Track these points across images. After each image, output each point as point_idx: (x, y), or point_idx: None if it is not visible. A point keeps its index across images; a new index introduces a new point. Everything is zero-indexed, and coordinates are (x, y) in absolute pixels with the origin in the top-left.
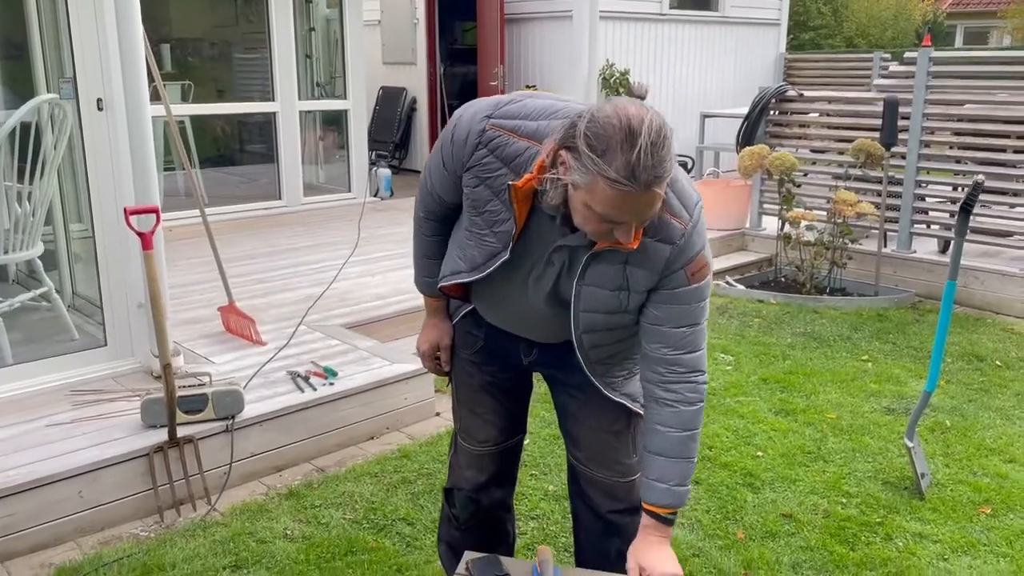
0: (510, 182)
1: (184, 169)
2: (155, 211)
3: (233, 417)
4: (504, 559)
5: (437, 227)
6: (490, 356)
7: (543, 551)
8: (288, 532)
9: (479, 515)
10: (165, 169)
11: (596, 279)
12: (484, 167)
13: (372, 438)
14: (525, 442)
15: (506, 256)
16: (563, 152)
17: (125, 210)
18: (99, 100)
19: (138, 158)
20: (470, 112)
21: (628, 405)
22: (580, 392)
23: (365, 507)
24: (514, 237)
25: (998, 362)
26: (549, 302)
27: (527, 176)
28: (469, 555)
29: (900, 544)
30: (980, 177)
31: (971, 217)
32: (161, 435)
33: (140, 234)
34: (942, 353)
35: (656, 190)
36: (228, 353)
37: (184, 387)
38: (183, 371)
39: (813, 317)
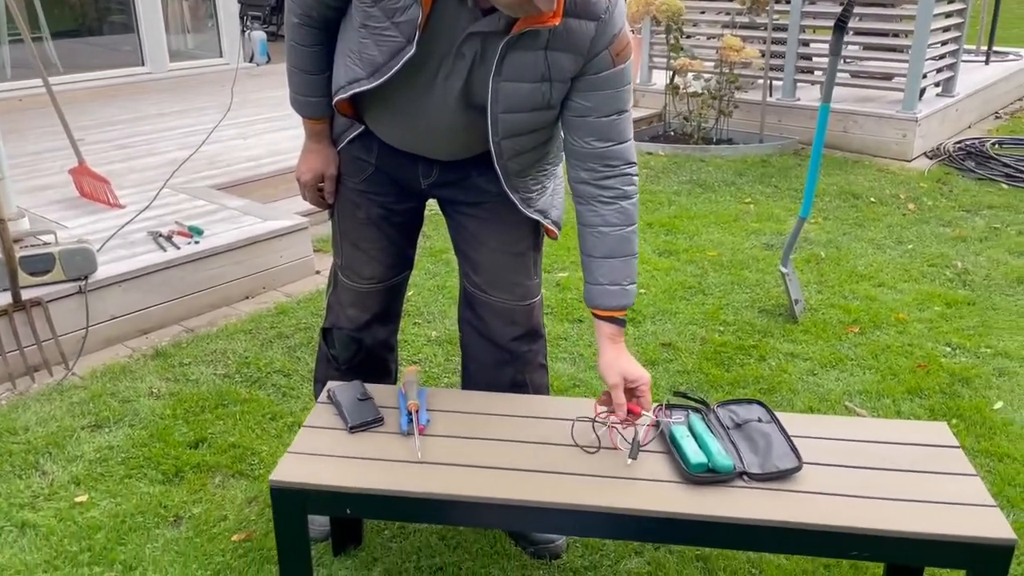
0: None
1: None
2: None
3: (86, 278)
4: (368, 384)
5: (315, 35)
6: (382, 184)
7: (409, 372)
8: (154, 390)
9: (360, 355)
10: (10, 38)
11: (515, 72)
12: None
13: (247, 298)
14: (410, 294)
15: (412, 51)
16: None
17: None
18: None
19: None
20: None
21: (540, 221)
22: (483, 212)
23: (238, 362)
24: (420, 25)
25: (872, 199)
26: (461, 106)
27: None
28: (332, 384)
29: (773, 363)
30: None
31: (851, 62)
32: (4, 299)
33: None
34: (816, 178)
35: None
36: (82, 217)
37: (27, 247)
38: (25, 232)
39: (700, 166)
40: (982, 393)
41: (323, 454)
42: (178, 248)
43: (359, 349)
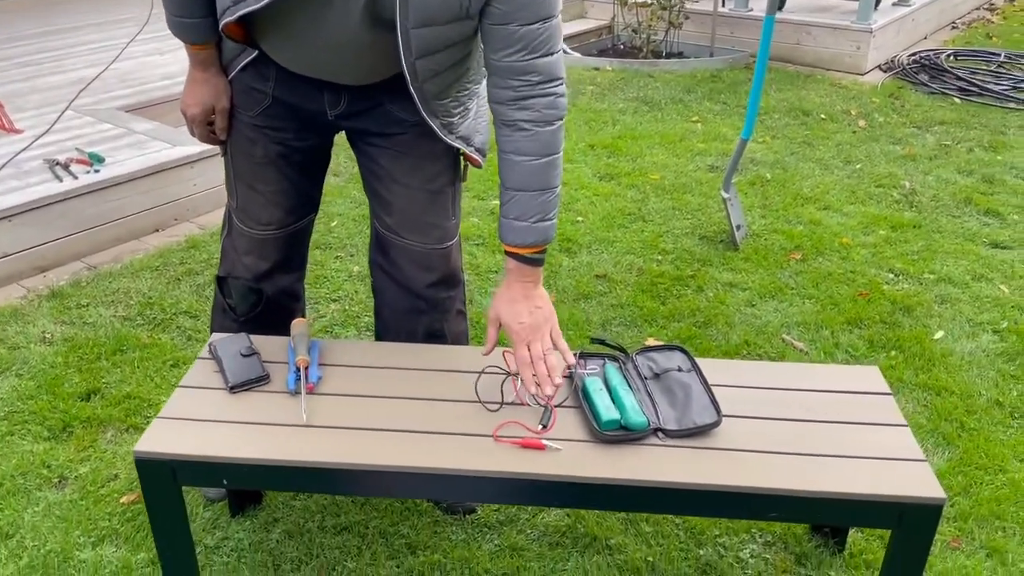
0: None
1: None
2: None
3: None
4: (255, 337)
5: None
6: (281, 117)
7: (297, 324)
8: (46, 335)
9: (260, 305)
10: None
11: None
12: None
13: (157, 230)
14: (332, 224)
15: None
16: None
17: None
18: None
19: None
20: None
21: (462, 149)
22: (397, 144)
23: (141, 303)
24: None
25: (823, 116)
26: (366, 23)
27: None
28: (215, 336)
29: (710, 295)
30: None
31: None
32: None
33: None
34: (759, 98)
35: None
36: None
37: None
38: None
39: (648, 82)
40: (923, 322)
41: (198, 419)
42: (75, 178)
43: (259, 300)
